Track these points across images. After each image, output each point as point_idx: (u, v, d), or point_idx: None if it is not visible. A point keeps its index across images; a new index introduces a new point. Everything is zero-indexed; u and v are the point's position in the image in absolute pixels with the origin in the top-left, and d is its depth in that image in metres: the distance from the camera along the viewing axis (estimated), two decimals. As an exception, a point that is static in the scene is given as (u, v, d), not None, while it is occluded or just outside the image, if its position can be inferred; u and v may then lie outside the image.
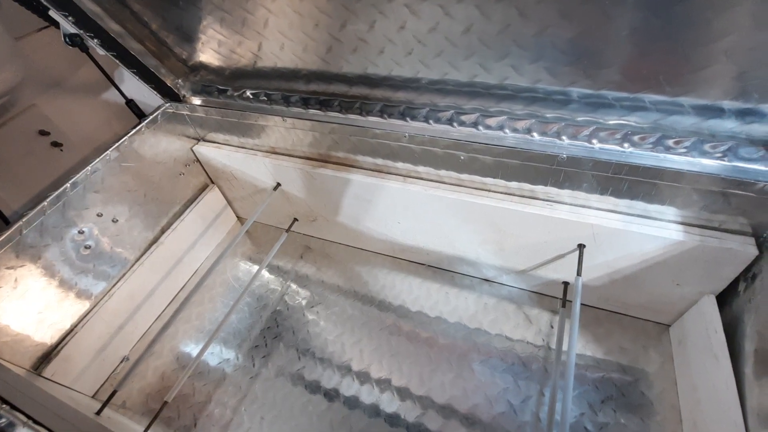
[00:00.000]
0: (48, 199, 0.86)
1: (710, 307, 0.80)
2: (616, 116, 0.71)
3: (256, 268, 1.24)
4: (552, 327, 0.98)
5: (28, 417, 0.58)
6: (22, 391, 0.69)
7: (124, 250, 1.05)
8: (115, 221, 1.02)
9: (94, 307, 0.99)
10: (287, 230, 1.23)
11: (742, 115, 0.64)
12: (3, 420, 0.55)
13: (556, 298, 1.03)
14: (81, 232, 0.94)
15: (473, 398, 0.90)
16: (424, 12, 0.66)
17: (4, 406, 0.58)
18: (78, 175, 0.91)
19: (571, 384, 0.71)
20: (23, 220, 0.82)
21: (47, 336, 0.90)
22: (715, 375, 0.74)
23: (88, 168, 0.93)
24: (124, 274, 1.05)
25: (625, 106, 0.70)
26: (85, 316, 0.97)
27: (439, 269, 1.15)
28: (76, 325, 0.95)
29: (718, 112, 0.65)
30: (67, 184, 0.89)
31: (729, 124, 0.66)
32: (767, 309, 0.69)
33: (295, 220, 1.25)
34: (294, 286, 1.18)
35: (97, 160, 0.95)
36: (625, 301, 0.95)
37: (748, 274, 0.75)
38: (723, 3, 0.51)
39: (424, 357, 0.98)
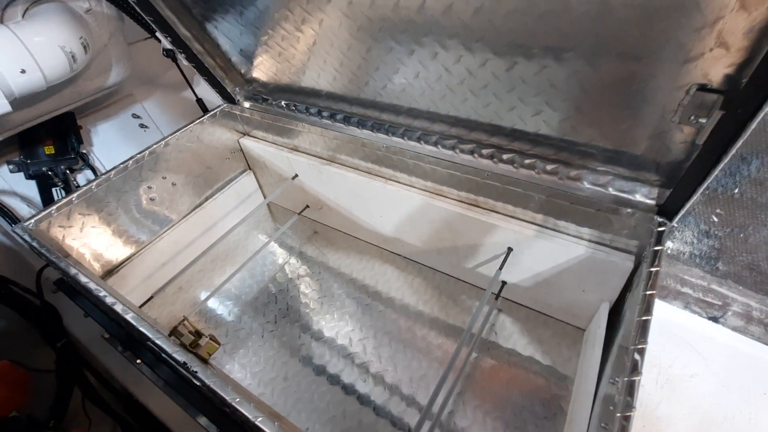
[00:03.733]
0: (132, 159, 1.23)
1: (602, 311, 0.99)
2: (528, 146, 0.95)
3: (267, 239, 1.56)
4: (486, 315, 1.20)
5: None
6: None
7: (175, 207, 1.40)
8: (173, 185, 1.37)
9: (148, 244, 1.33)
10: (299, 214, 1.54)
11: (619, 160, 0.86)
12: (102, 293, 0.87)
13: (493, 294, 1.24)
14: (150, 187, 1.30)
15: (413, 361, 1.13)
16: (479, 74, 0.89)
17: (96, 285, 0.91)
18: (154, 146, 1.28)
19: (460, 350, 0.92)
20: (114, 170, 1.19)
21: (114, 256, 1.26)
22: (590, 361, 0.92)
23: (162, 142, 1.29)
24: (172, 225, 1.40)
25: (555, 145, 0.94)
26: (141, 249, 1.32)
27: (410, 260, 1.39)
28: (134, 254, 1.30)
29: (611, 156, 0.87)
30: (146, 151, 1.26)
31: (614, 167, 0.88)
32: (632, 315, 0.88)
33: (307, 206, 1.55)
34: (295, 261, 1.48)
35: (169, 136, 1.31)
36: (549, 303, 1.15)
37: (631, 285, 0.94)
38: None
39: (381, 323, 1.23)
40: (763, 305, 1.05)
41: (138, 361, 1.12)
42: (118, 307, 0.82)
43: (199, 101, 1.57)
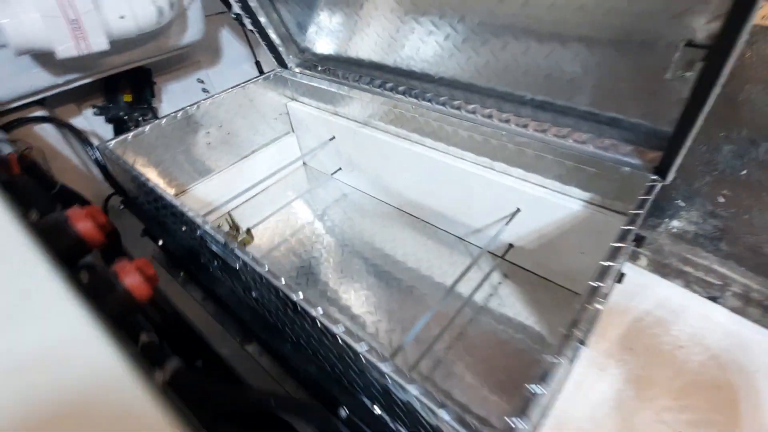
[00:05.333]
0: (195, 104, 1.42)
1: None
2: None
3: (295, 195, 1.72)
4: (488, 274, 1.28)
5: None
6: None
7: (225, 154, 1.59)
8: (227, 133, 1.56)
9: (200, 182, 1.53)
10: (331, 174, 1.69)
11: (621, 124, 0.94)
12: (170, 198, 1.05)
13: (497, 256, 1.32)
14: (208, 133, 1.50)
15: (409, 309, 1.24)
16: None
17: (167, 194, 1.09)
18: (216, 95, 1.47)
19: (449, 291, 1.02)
20: (180, 111, 1.39)
21: (174, 187, 1.45)
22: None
23: (222, 94, 1.49)
24: (222, 169, 1.59)
25: (565, 111, 1.03)
26: (189, 188, 1.51)
27: (427, 223, 1.50)
28: (188, 188, 1.50)
29: (614, 122, 0.95)
30: (209, 99, 1.46)
31: (617, 132, 0.96)
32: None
33: (340, 168, 1.70)
34: (319, 220, 1.62)
35: (227, 90, 1.50)
36: (551, 267, 1.22)
37: (626, 247, 1.00)
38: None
39: (390, 282, 1.35)
40: (764, 287, 1.07)
41: (182, 274, 1.30)
42: (184, 209, 0.98)
43: (258, 63, 1.77)
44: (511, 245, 1.27)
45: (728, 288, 1.12)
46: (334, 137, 1.60)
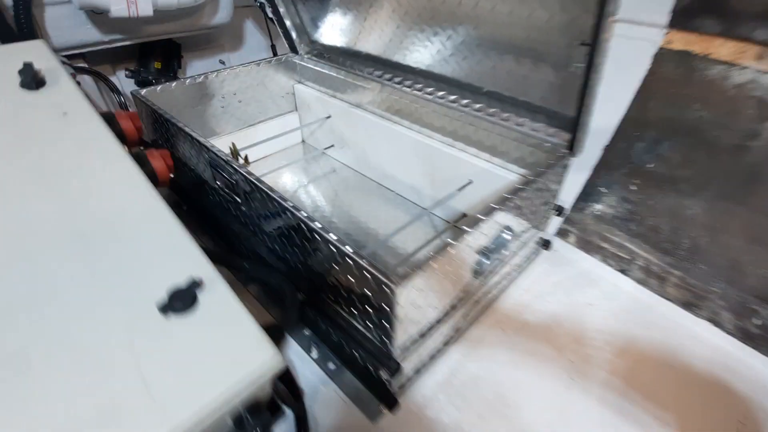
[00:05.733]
0: (218, 70, 1.69)
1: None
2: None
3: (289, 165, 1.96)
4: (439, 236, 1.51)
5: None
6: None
7: (234, 120, 1.84)
8: (239, 102, 1.82)
9: (208, 138, 1.77)
10: (324, 150, 1.95)
11: (547, 112, 1.19)
12: (189, 129, 1.29)
13: (450, 223, 1.56)
14: (223, 97, 1.76)
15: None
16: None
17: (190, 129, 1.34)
18: (233, 69, 1.74)
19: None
20: (203, 74, 1.65)
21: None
22: (505, 259, 1.23)
23: (239, 67, 1.76)
24: (229, 132, 1.84)
25: (509, 101, 1.29)
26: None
27: (400, 196, 1.74)
28: (198, 143, 1.74)
29: (543, 109, 1.21)
30: (227, 70, 1.72)
31: (545, 117, 1.21)
32: (543, 226, 1.18)
33: (332, 145, 1.95)
34: (304, 187, 1.86)
35: (244, 65, 1.77)
36: (494, 234, 1.45)
37: (548, 212, 1.24)
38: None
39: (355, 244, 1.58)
40: (661, 262, 1.30)
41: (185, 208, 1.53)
42: (196, 134, 1.22)
43: (273, 46, 2.05)
44: (464, 214, 1.51)
45: (634, 262, 1.35)
46: (330, 116, 1.86)
